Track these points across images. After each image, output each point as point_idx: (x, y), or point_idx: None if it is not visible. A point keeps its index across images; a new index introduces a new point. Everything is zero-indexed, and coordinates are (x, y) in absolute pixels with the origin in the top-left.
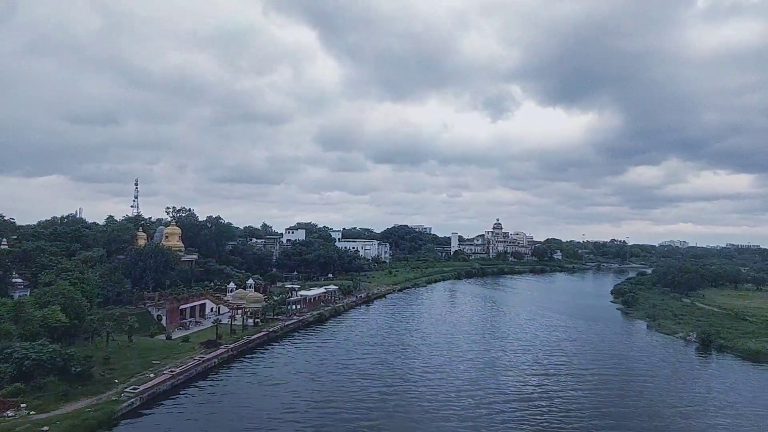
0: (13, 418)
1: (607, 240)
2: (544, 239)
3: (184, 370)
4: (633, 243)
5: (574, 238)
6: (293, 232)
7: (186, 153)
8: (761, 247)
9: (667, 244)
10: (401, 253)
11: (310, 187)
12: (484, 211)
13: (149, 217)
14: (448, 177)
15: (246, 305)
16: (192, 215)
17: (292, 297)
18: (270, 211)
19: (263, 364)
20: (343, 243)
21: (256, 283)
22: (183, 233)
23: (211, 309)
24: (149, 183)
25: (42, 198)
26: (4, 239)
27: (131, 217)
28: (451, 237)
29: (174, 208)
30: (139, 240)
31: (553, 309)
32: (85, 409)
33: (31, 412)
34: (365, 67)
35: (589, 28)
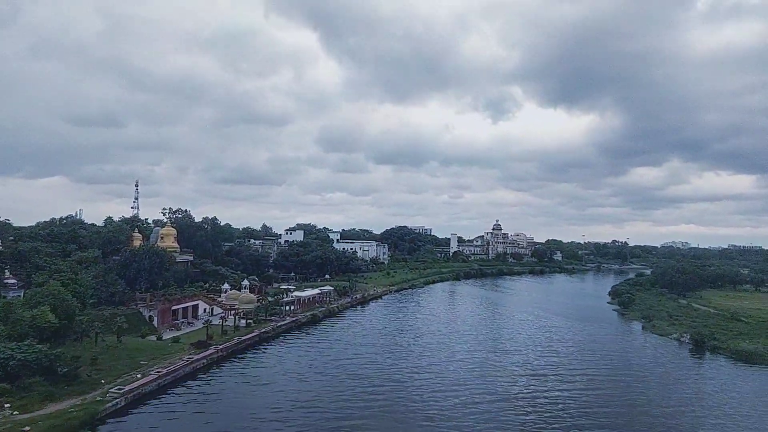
0: None
1: (609, 241)
2: (545, 240)
3: (172, 370)
4: (634, 244)
5: (576, 240)
6: (292, 233)
7: (187, 154)
8: (763, 248)
9: (668, 246)
10: (400, 254)
11: (311, 189)
12: (485, 213)
13: (146, 218)
14: (450, 178)
15: (239, 306)
16: (188, 216)
17: (285, 298)
18: (271, 213)
19: (252, 365)
20: (342, 244)
21: (251, 284)
22: (179, 234)
23: (205, 310)
24: (151, 184)
25: (43, 199)
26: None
27: (127, 218)
28: (450, 238)
29: (170, 209)
30: (135, 241)
31: (549, 310)
32: (69, 409)
33: (14, 412)
34: (366, 69)
35: (590, 29)
